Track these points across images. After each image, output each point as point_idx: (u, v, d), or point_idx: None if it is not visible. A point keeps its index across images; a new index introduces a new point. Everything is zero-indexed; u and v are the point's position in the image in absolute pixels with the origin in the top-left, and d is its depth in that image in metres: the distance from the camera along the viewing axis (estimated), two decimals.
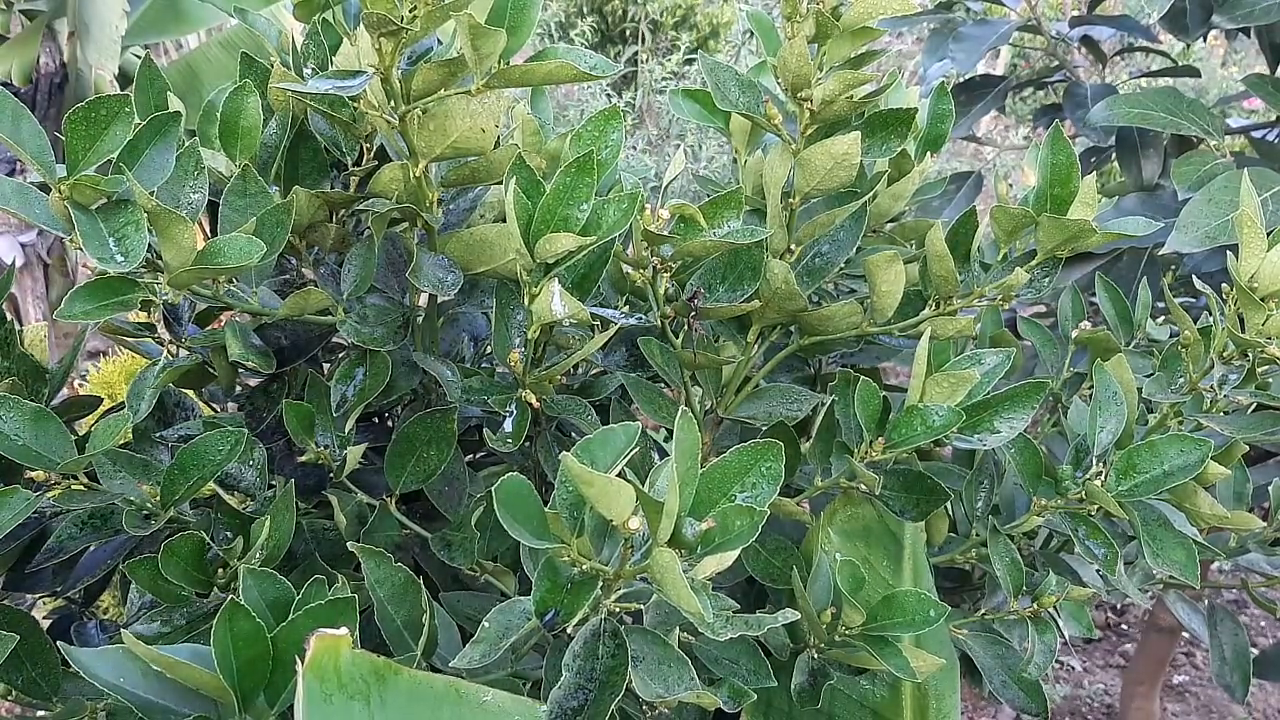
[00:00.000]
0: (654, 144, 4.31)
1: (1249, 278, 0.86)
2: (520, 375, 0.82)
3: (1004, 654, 0.97)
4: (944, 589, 1.09)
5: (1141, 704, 1.89)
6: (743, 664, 0.79)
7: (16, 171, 1.94)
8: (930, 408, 0.81)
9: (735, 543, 0.64)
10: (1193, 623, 1.15)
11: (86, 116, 0.70)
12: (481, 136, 0.78)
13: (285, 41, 0.86)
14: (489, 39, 0.73)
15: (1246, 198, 0.86)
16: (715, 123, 1.02)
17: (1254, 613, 2.56)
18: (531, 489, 0.68)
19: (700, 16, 4.81)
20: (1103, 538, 0.88)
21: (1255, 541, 1.08)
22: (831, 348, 0.96)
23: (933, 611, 0.78)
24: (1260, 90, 1.42)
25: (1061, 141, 0.85)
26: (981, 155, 4.49)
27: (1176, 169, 1.35)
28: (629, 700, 0.75)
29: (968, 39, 1.66)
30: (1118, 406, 0.89)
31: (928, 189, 1.04)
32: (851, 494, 0.92)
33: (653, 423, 0.92)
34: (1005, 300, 0.88)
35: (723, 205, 0.84)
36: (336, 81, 0.75)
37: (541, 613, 0.67)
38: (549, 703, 0.67)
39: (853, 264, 0.95)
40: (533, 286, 0.75)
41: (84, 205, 0.70)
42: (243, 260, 0.72)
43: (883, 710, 0.88)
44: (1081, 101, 1.64)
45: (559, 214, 0.74)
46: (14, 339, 0.87)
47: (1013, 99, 2.74)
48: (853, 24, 0.81)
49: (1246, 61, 4.97)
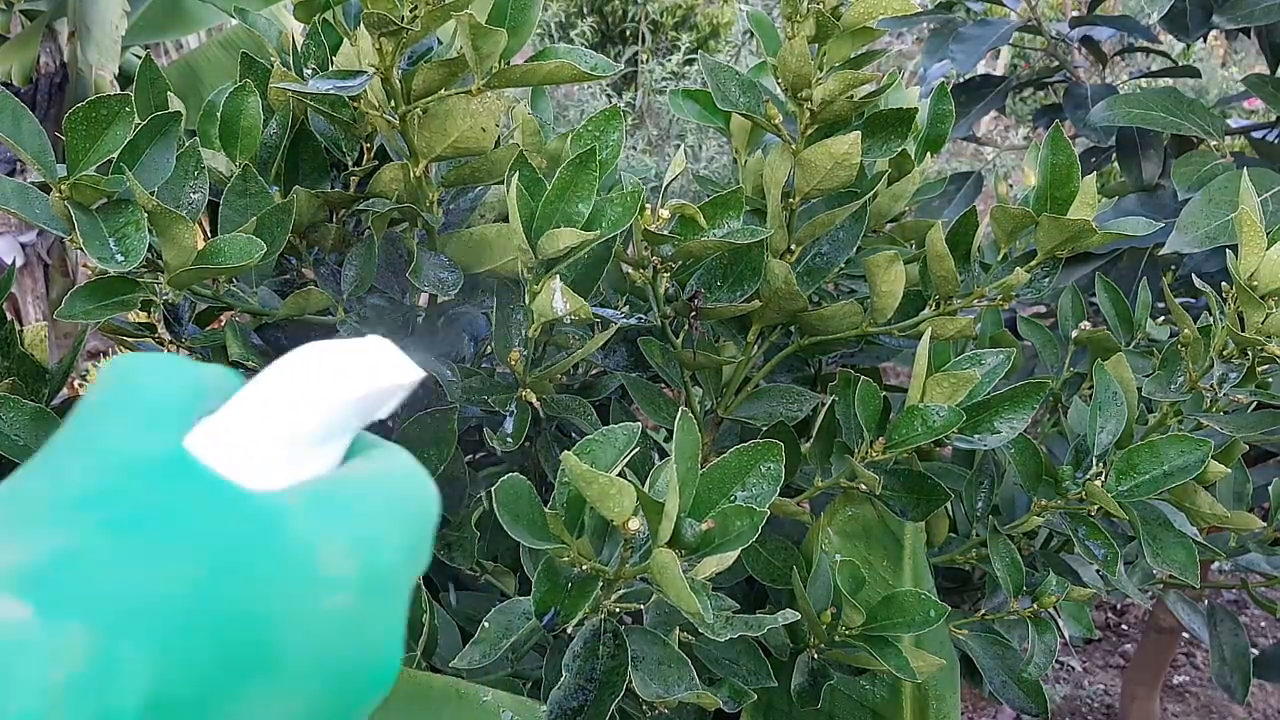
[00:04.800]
0: (654, 144, 4.31)
1: (1249, 277, 0.86)
2: (520, 375, 0.82)
3: (1004, 654, 0.97)
4: (944, 589, 1.09)
5: (1141, 704, 1.89)
6: (743, 664, 0.79)
7: (17, 171, 1.94)
8: (930, 408, 0.81)
9: (735, 543, 0.64)
10: (1193, 623, 1.14)
11: (87, 116, 0.70)
12: (482, 136, 0.79)
13: (285, 41, 0.86)
14: (489, 39, 0.73)
15: (1246, 198, 0.86)
16: (715, 123, 1.02)
17: (1254, 613, 2.56)
18: (531, 489, 0.68)
19: (700, 16, 4.81)
20: (1103, 538, 0.88)
21: (1255, 541, 1.08)
22: (831, 348, 0.96)
23: (933, 611, 0.78)
24: (1260, 90, 1.42)
25: (1061, 141, 0.85)
26: (981, 155, 4.49)
27: (1176, 169, 1.35)
28: (629, 700, 0.75)
29: (968, 39, 1.66)
30: (1118, 406, 0.89)
31: (928, 189, 1.04)
32: (851, 494, 0.92)
33: (653, 423, 0.92)
34: (1005, 300, 0.88)
35: (723, 205, 0.84)
36: (337, 81, 0.75)
37: (541, 613, 0.67)
38: (549, 703, 0.67)
39: (853, 264, 0.95)
40: (534, 283, 0.75)
41: (84, 205, 0.70)
42: (243, 260, 0.72)
43: (883, 710, 0.88)
44: (1081, 101, 1.63)
45: (561, 210, 0.74)
46: (14, 339, 0.87)
47: (1013, 99, 2.75)
48: (853, 24, 0.81)
49: (1246, 62, 4.97)
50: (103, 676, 0.22)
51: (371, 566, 0.27)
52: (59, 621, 0.22)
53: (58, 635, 0.22)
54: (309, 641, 0.25)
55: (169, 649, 0.23)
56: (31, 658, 0.21)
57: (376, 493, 0.28)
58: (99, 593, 0.23)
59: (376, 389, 0.30)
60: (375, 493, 0.28)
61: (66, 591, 0.22)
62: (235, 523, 0.25)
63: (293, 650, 0.25)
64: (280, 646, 0.24)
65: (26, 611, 0.22)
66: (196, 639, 0.23)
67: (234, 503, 0.25)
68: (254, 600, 0.24)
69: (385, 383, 0.30)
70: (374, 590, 0.26)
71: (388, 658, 0.27)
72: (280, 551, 0.25)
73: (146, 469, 0.25)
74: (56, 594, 0.22)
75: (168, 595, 0.23)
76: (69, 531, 0.23)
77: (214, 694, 0.23)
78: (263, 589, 0.24)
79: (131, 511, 0.24)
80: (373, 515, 0.27)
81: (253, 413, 0.28)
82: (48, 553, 0.23)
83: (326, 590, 0.25)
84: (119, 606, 0.23)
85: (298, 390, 0.29)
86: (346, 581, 0.26)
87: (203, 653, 0.23)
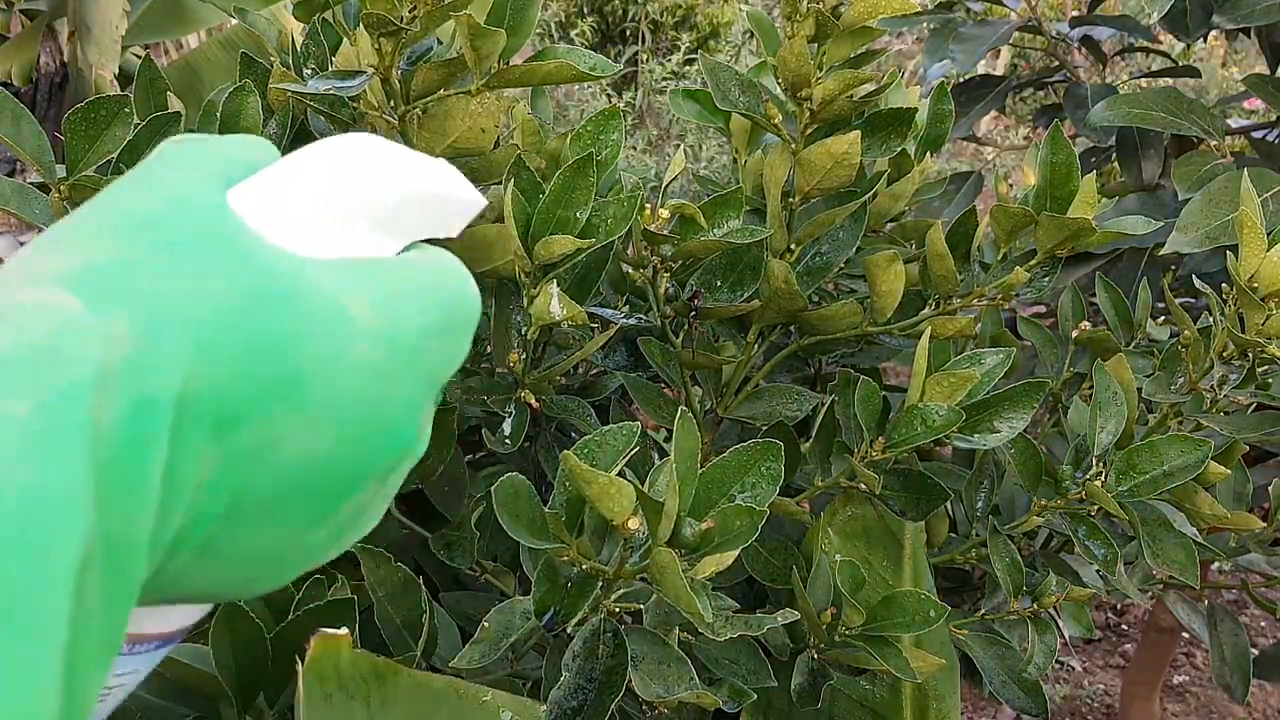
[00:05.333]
0: (654, 144, 4.31)
1: (1249, 277, 0.86)
2: (520, 375, 0.82)
3: (1004, 654, 0.97)
4: (944, 589, 1.09)
5: (1141, 704, 1.89)
6: (743, 664, 0.79)
7: (16, 172, 1.94)
8: (930, 408, 0.81)
9: (735, 543, 0.64)
10: (1193, 623, 1.14)
11: (86, 116, 0.70)
12: (481, 136, 0.78)
13: (285, 41, 0.86)
14: (489, 39, 0.73)
15: (1246, 198, 0.86)
16: (715, 123, 1.02)
17: (1254, 613, 2.56)
18: (531, 489, 0.68)
19: (700, 16, 4.81)
20: (1103, 538, 0.88)
21: (1255, 541, 1.08)
22: (831, 348, 0.96)
23: (933, 611, 0.78)
24: (1260, 90, 1.42)
25: (1061, 141, 0.85)
26: (981, 155, 4.49)
27: (1176, 169, 1.34)
28: (629, 700, 0.75)
29: (968, 39, 1.66)
30: (1118, 406, 0.89)
31: (928, 189, 1.03)
32: (851, 494, 0.92)
33: (653, 423, 0.92)
34: (1005, 300, 0.88)
35: (723, 205, 0.84)
36: (336, 81, 0.75)
37: (541, 613, 0.67)
38: (549, 703, 0.67)
39: (853, 264, 0.95)
40: (531, 288, 0.75)
41: None
42: None
43: (883, 710, 0.88)
44: (1081, 101, 1.63)
45: (558, 216, 0.74)
46: None
47: (1013, 99, 2.74)
48: (853, 24, 0.81)
49: (1246, 61, 4.96)
50: (142, 364, 0.23)
51: (399, 330, 0.28)
52: (106, 313, 0.23)
53: (105, 323, 0.23)
54: (336, 379, 0.26)
55: (204, 350, 0.24)
56: (80, 338, 0.22)
57: (412, 274, 0.29)
58: (144, 293, 0.24)
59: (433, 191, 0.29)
60: (411, 274, 0.29)
61: (114, 289, 0.24)
62: (276, 265, 0.26)
63: (320, 384, 0.26)
64: (310, 376, 0.25)
65: (76, 303, 0.23)
66: (231, 348, 0.24)
67: (278, 255, 0.27)
68: (287, 326, 0.25)
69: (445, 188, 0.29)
70: (399, 353, 0.27)
71: (407, 426, 0.28)
72: (316, 294, 0.26)
73: (198, 207, 0.27)
74: (104, 291, 0.24)
75: (208, 305, 0.24)
76: (119, 244, 0.25)
77: (254, 410, 0.25)
78: (295, 321, 0.25)
79: (180, 236, 0.26)
80: (406, 290, 0.28)
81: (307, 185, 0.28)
82: (99, 260, 0.24)
83: (354, 335, 0.26)
84: (162, 307, 0.24)
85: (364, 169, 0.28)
86: (373, 334, 0.27)
87: (235, 363, 0.24)
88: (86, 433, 0.21)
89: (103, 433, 0.22)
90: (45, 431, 0.21)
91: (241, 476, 0.25)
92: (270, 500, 0.26)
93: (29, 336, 0.22)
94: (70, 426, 0.21)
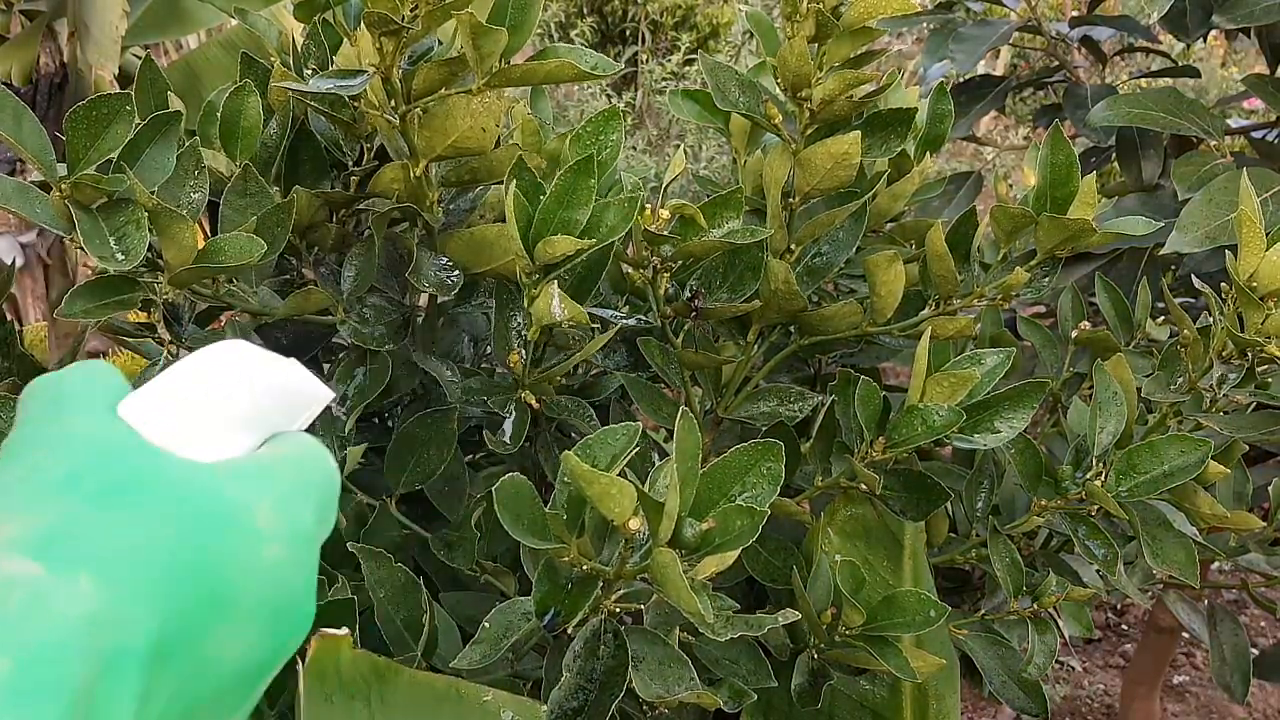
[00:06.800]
0: (654, 144, 4.31)
1: (1248, 277, 0.86)
2: (520, 376, 0.82)
3: (1004, 654, 0.97)
4: (944, 589, 1.09)
5: (1141, 704, 1.89)
6: (743, 664, 0.79)
7: (17, 171, 1.94)
8: (930, 408, 0.81)
9: (735, 543, 0.64)
10: (1193, 623, 1.14)
11: (87, 116, 0.70)
12: (482, 136, 0.78)
13: (285, 41, 0.86)
14: (490, 38, 0.73)
15: (1246, 197, 0.86)
16: (715, 123, 1.02)
17: (1254, 613, 2.56)
18: (531, 489, 0.68)
19: (700, 16, 4.81)
20: (1103, 538, 0.88)
21: (1255, 541, 1.08)
22: (831, 348, 0.96)
23: (933, 611, 0.78)
24: (1260, 90, 1.42)
25: (1061, 141, 0.85)
26: (981, 155, 4.49)
27: (1176, 169, 1.34)
28: (629, 700, 0.75)
29: (968, 39, 1.65)
30: (1118, 406, 0.89)
31: (928, 189, 1.03)
32: (851, 494, 0.92)
33: (653, 423, 0.92)
34: (1005, 300, 0.88)
35: (723, 205, 0.84)
36: (337, 81, 0.75)
37: (541, 613, 0.67)
38: (549, 703, 0.67)
39: (853, 264, 0.95)
40: (532, 289, 0.75)
41: (84, 204, 0.70)
42: (243, 259, 0.72)
43: (883, 710, 0.88)
44: (1081, 101, 1.63)
45: (559, 217, 0.74)
46: (14, 339, 0.87)
47: (1013, 99, 2.74)
48: (853, 24, 0.81)
49: (1246, 62, 4.96)
50: (115, 617, 0.26)
51: (294, 524, 0.31)
52: (69, 574, 0.26)
53: (70, 584, 0.26)
54: (255, 584, 0.30)
55: (161, 596, 0.27)
56: (49, 600, 0.25)
57: (289, 468, 0.33)
58: (97, 552, 0.27)
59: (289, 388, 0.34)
60: (288, 468, 0.33)
61: (69, 552, 0.26)
62: (187, 488, 0.30)
63: (244, 592, 0.29)
64: (237, 588, 0.29)
65: (39, 568, 0.26)
66: (180, 587, 0.28)
67: (181, 471, 0.30)
68: (216, 551, 0.29)
69: (299, 385, 0.35)
70: (297, 544, 0.31)
71: (308, 602, 0.32)
72: (227, 510, 0.30)
73: (105, 448, 0.30)
74: (61, 554, 0.26)
75: (152, 552, 0.28)
76: (59, 506, 0.28)
77: (197, 633, 0.28)
78: (220, 541, 0.29)
79: (104, 486, 0.29)
80: (289, 484, 0.32)
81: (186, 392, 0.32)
82: (45, 524, 0.27)
83: (264, 542, 0.30)
84: (116, 562, 0.27)
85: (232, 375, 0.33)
86: (278, 535, 0.31)
87: (186, 599, 0.28)
88: (67, 685, 0.24)
89: (84, 684, 0.24)
90: (28, 688, 0.23)
91: (190, 691, 0.28)
92: (211, 701, 0.29)
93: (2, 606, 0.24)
94: (51, 682, 0.24)
